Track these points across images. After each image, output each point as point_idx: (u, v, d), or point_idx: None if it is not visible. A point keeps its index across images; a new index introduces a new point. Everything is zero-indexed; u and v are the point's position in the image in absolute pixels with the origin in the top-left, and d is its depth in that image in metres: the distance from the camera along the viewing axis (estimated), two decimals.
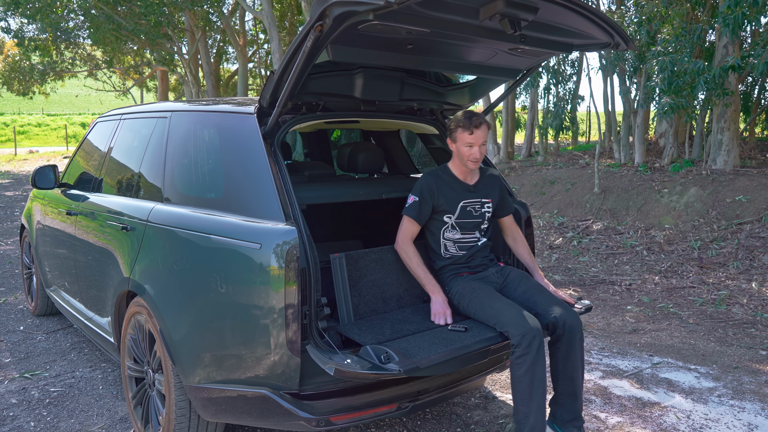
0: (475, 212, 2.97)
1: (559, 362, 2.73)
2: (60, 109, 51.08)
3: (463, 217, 2.95)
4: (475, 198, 2.97)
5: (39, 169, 4.28)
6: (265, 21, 14.12)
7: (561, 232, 8.20)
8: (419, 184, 2.93)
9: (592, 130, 26.78)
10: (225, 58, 25.13)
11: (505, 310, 2.62)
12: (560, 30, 2.55)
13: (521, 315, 2.57)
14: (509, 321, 2.55)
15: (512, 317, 2.56)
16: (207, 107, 3.01)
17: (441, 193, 2.91)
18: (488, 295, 2.75)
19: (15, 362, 4.10)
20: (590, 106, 50.00)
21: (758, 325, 4.75)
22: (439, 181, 2.94)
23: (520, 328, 2.50)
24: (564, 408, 2.75)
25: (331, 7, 1.99)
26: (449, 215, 2.93)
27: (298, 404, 2.32)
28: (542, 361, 2.52)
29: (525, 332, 2.49)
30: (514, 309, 2.62)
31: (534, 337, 2.48)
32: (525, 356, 2.48)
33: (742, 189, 7.61)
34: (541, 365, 2.51)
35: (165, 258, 2.75)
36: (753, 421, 3.19)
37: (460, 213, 2.94)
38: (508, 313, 2.59)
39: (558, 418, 2.77)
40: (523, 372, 2.49)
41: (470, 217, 2.96)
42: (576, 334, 2.70)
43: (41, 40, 19.43)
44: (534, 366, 2.48)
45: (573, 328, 2.68)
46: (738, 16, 6.71)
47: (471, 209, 2.96)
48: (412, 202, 2.92)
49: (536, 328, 2.52)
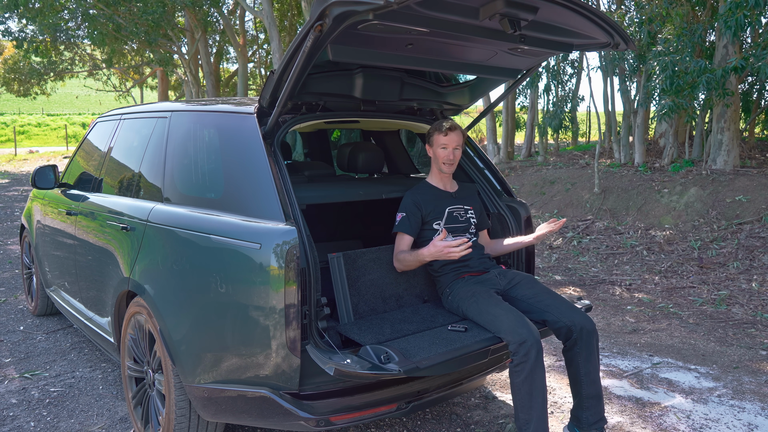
0: (461, 218, 3.06)
1: (580, 367, 2.71)
2: (60, 109, 51.09)
3: (451, 222, 3.02)
4: (458, 204, 3.08)
5: (39, 169, 4.28)
6: (265, 21, 14.13)
7: (561, 232, 8.20)
8: (403, 203, 3.01)
9: (592, 130, 26.77)
10: (225, 58, 25.14)
11: (502, 316, 2.60)
12: (560, 30, 2.55)
13: (518, 322, 2.54)
14: (506, 328, 2.53)
15: (509, 324, 2.54)
16: (207, 107, 3.01)
17: (426, 203, 2.99)
18: (487, 300, 2.73)
19: (15, 362, 4.10)
20: (590, 106, 50.00)
21: (758, 325, 4.75)
22: (422, 194, 3.03)
23: (517, 335, 2.47)
24: (590, 411, 2.74)
25: (330, 7, 1.98)
26: (438, 221, 2.99)
27: (298, 404, 2.32)
28: (541, 369, 2.49)
29: (522, 340, 2.46)
30: (512, 315, 2.59)
31: (531, 345, 2.45)
32: (523, 364, 2.46)
33: (742, 189, 7.61)
34: (539, 373, 2.48)
35: (165, 258, 2.75)
36: (753, 421, 3.18)
37: (447, 218, 3.02)
38: (506, 319, 2.57)
39: (583, 422, 2.75)
40: (522, 380, 2.47)
41: (457, 222, 3.04)
42: (593, 337, 2.71)
43: (40, 42, 19.42)
44: (532, 374, 2.46)
45: (590, 331, 2.69)
46: (740, 18, 6.71)
47: (457, 215, 3.06)
48: (401, 219, 2.97)
49: (534, 336, 2.48)
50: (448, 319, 2.83)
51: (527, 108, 15.27)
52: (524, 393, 2.48)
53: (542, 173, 10.64)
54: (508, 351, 2.68)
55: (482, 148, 10.22)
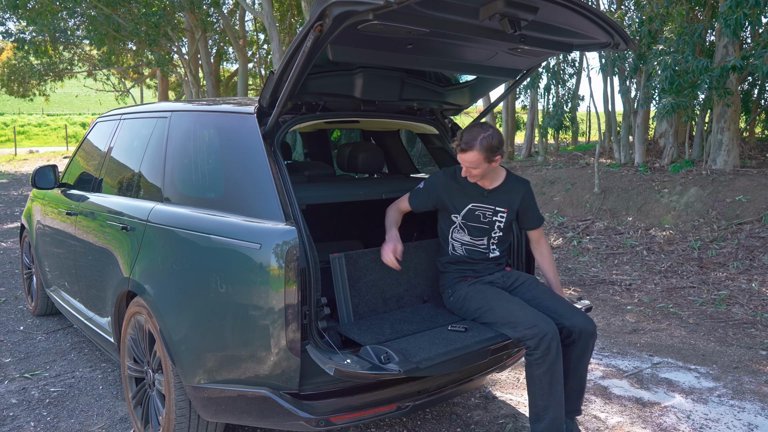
0: (484, 218, 2.88)
1: (570, 362, 2.73)
2: (60, 109, 51.07)
3: (469, 219, 2.88)
4: (488, 204, 2.88)
5: (39, 169, 4.28)
6: (265, 21, 14.12)
7: (561, 232, 8.20)
8: (432, 176, 2.94)
9: (592, 130, 26.78)
10: (225, 58, 25.12)
11: (518, 311, 2.63)
12: (560, 30, 2.55)
13: (536, 317, 2.58)
14: (524, 323, 2.56)
15: (527, 319, 2.57)
16: (207, 107, 3.01)
17: (448, 191, 2.88)
18: (497, 297, 2.74)
19: (15, 362, 4.10)
20: (590, 106, 49.98)
21: (758, 325, 4.75)
22: (451, 180, 2.89)
23: (537, 329, 2.53)
24: (568, 400, 2.77)
25: (330, 7, 1.98)
26: (456, 215, 2.89)
27: (298, 404, 2.32)
28: (560, 359, 2.58)
29: (543, 333, 2.51)
30: (528, 310, 2.63)
31: (552, 337, 2.53)
32: (545, 357, 2.52)
33: (742, 189, 7.61)
34: (559, 363, 2.57)
35: (165, 258, 2.75)
36: (753, 421, 3.18)
37: (466, 214, 2.88)
38: (522, 314, 2.60)
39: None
40: (543, 371, 2.55)
41: (478, 221, 2.89)
42: (591, 339, 2.72)
43: (39, 42, 19.42)
44: (554, 365, 2.55)
45: (589, 333, 2.69)
46: (740, 17, 6.71)
47: (480, 214, 2.88)
48: (416, 188, 2.96)
49: (553, 329, 2.55)
50: (448, 319, 2.83)
51: (527, 108, 15.27)
52: (545, 383, 2.55)
53: (542, 173, 10.64)
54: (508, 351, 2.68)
55: None
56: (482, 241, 2.92)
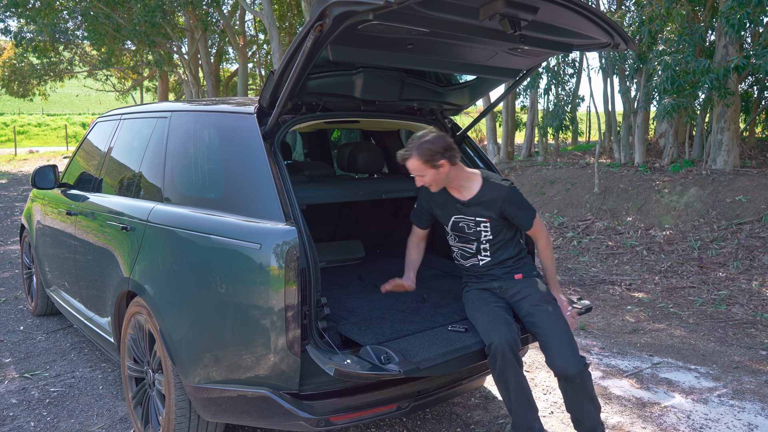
0: (468, 229, 2.83)
1: (567, 404, 2.72)
2: (60, 109, 51.06)
3: (457, 231, 2.88)
4: (467, 216, 2.81)
5: (39, 169, 4.28)
6: (265, 21, 14.12)
7: (561, 232, 8.20)
8: (419, 193, 2.96)
9: (592, 130, 26.76)
10: (225, 58, 25.12)
11: (479, 320, 2.68)
12: (560, 30, 2.55)
13: (491, 325, 2.60)
14: (481, 331, 2.62)
15: (482, 328, 2.62)
16: (207, 107, 3.01)
17: (433, 205, 2.92)
18: (473, 305, 2.79)
19: (15, 362, 4.10)
20: (590, 106, 49.93)
21: (758, 325, 4.75)
22: (430, 193, 2.87)
23: (486, 338, 2.57)
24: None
25: (331, 7, 1.98)
26: (445, 226, 2.93)
27: (298, 404, 2.32)
28: (512, 368, 2.55)
29: (490, 342, 2.54)
30: (487, 319, 2.65)
31: (497, 347, 2.52)
32: (493, 365, 2.56)
33: (742, 189, 7.61)
34: (510, 371, 2.55)
35: (165, 258, 2.75)
36: (753, 421, 3.18)
37: (453, 227, 2.88)
38: (480, 323, 2.66)
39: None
40: (495, 377, 2.60)
41: (464, 233, 2.86)
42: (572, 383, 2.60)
43: (39, 41, 19.41)
44: (503, 373, 2.56)
45: (567, 377, 2.59)
46: (742, 17, 6.71)
47: (464, 225, 2.84)
48: (413, 209, 3.01)
49: (501, 339, 2.53)
50: (448, 319, 2.84)
51: (527, 108, 15.26)
52: (501, 388, 2.63)
53: (542, 173, 10.64)
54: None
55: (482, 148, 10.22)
56: (471, 247, 2.90)
